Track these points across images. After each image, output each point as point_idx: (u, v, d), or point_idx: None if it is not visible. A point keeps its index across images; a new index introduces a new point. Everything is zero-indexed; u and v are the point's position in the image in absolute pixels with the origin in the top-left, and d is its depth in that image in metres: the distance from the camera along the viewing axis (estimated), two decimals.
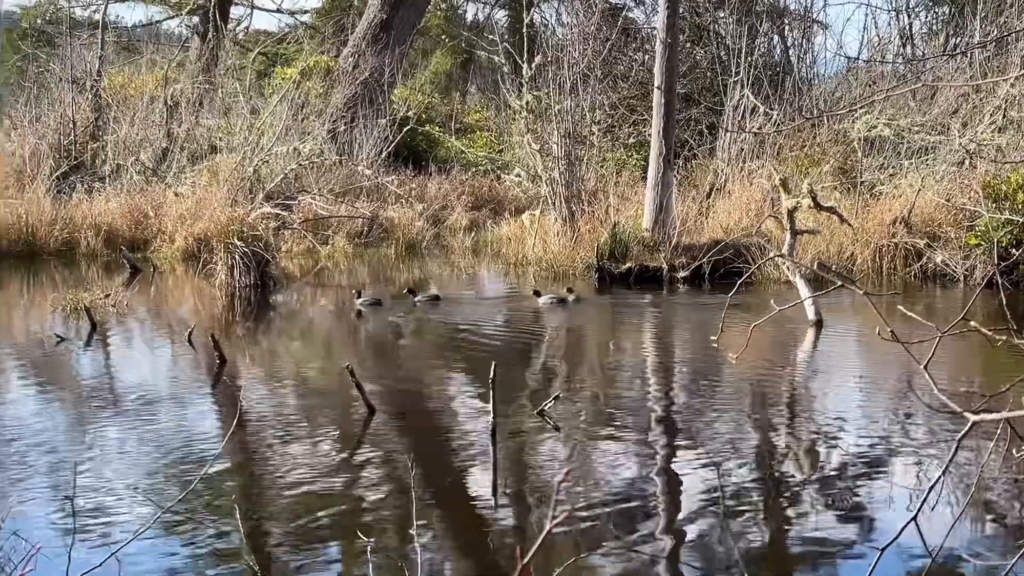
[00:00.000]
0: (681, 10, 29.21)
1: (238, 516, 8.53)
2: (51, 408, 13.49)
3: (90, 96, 36.16)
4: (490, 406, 11.52)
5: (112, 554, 7.28)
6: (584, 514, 9.43)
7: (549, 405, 12.52)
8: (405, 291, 21.41)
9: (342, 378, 13.03)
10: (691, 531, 9.25)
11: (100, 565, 6.98)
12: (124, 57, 48.27)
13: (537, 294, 21.29)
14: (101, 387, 14.52)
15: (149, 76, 40.60)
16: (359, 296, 20.74)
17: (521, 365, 16.12)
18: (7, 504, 8.20)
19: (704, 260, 23.40)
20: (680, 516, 9.62)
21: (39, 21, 52.18)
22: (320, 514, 9.57)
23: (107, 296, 20.29)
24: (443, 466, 11.03)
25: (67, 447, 11.28)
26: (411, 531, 8.73)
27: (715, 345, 15.14)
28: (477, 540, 9.18)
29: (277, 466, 10.90)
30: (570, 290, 21.46)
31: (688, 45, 35.54)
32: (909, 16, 37.51)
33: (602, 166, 29.65)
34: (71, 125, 34.50)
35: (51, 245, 27.97)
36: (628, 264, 23.71)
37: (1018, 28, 29.68)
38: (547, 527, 3.37)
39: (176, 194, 29.67)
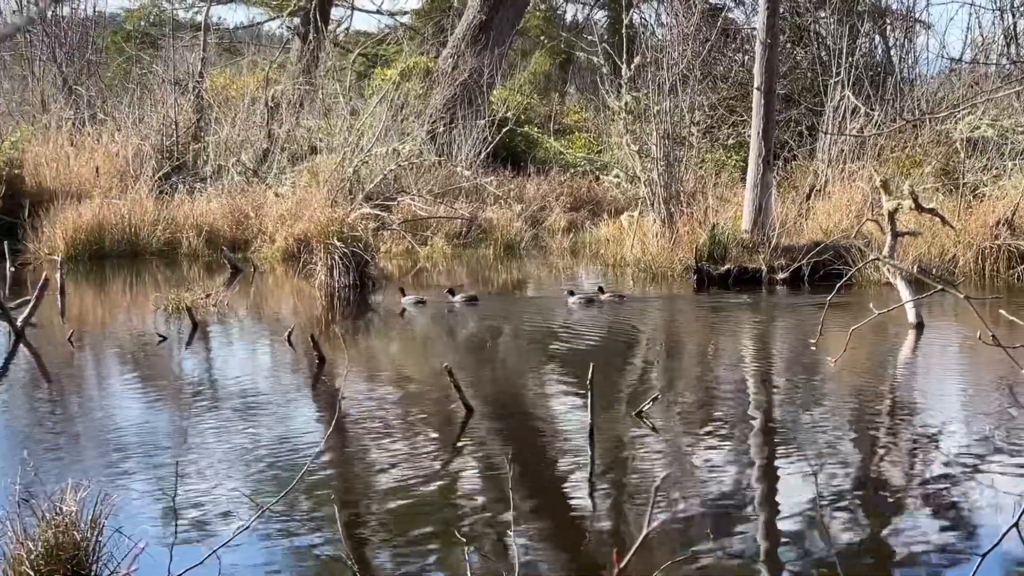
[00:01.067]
0: (781, 10, 28.94)
1: (337, 515, 8.56)
2: (153, 407, 13.63)
3: (192, 97, 36.53)
4: (588, 407, 11.49)
5: (212, 552, 7.34)
6: (681, 516, 9.39)
7: (647, 407, 12.46)
8: (446, 291, 21.47)
9: (441, 378, 13.06)
10: (789, 534, 9.19)
11: (201, 563, 7.06)
12: (226, 58, 48.74)
13: (571, 293, 21.24)
14: (202, 387, 14.66)
15: (250, 77, 40.92)
16: (403, 294, 21.06)
17: (619, 366, 16.06)
18: (110, 502, 8.28)
19: (803, 262, 23.20)
20: (778, 519, 9.55)
21: (143, 23, 52.74)
22: (418, 514, 9.60)
23: (208, 296, 20.46)
24: (540, 467, 11.03)
25: (169, 446, 11.39)
26: (508, 532, 8.74)
27: (814, 347, 15.01)
28: (574, 541, 9.17)
29: (376, 466, 10.95)
30: (601, 290, 21.47)
31: (788, 45, 35.29)
32: (1014, 15, 36.89)
33: (701, 167, 29.49)
34: (173, 126, 34.86)
35: (153, 245, 28.25)
36: (727, 265, 23.55)
37: None
38: (644, 530, 3.35)
39: (276, 195, 29.87)
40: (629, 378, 15.42)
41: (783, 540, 9.10)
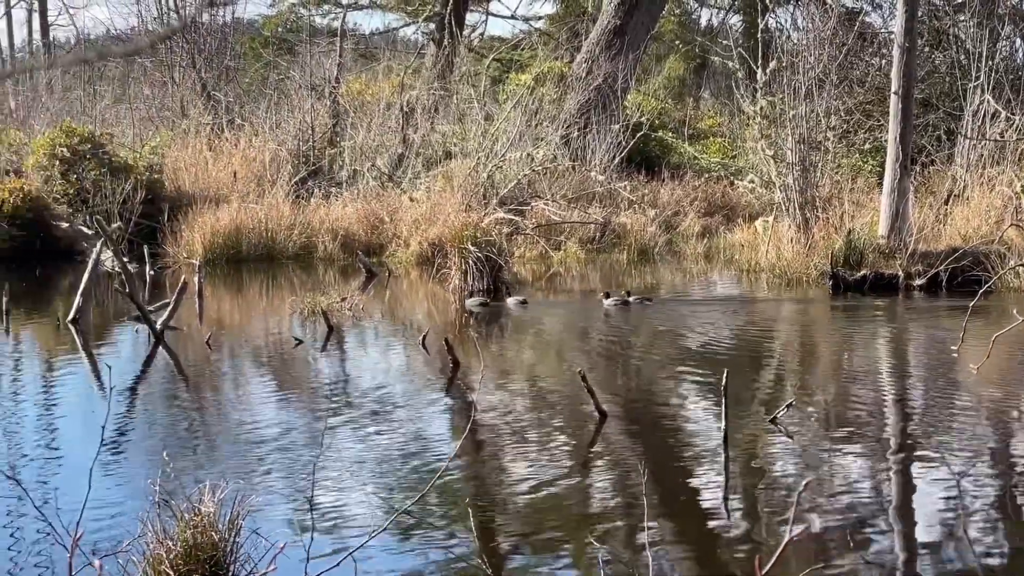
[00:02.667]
0: (920, 13, 28.58)
1: (471, 519, 8.56)
2: (289, 410, 13.74)
3: (328, 103, 36.88)
4: (722, 412, 11.39)
5: (348, 554, 7.38)
6: (819, 524, 9.27)
7: (781, 413, 12.33)
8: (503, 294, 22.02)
9: (574, 382, 13.04)
10: (927, 545, 9.05)
11: (337, 565, 7.09)
12: (361, 64, 49.20)
13: (607, 295, 21.56)
14: (337, 390, 14.75)
15: (386, 82, 41.18)
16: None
17: (753, 371, 15.95)
18: (248, 503, 8.35)
19: (942, 268, 22.83)
20: (917, 529, 9.41)
21: (280, 29, 53.39)
22: (551, 518, 9.59)
23: (343, 300, 20.60)
24: (674, 473, 10.96)
25: (305, 448, 11.46)
26: (642, 538, 8.68)
27: (955, 354, 14.77)
28: (708, 548, 9.11)
29: (509, 470, 10.95)
30: (628, 293, 21.88)
31: (927, 49, 34.79)
32: None
33: (837, 172, 29.16)
34: (310, 131, 35.21)
35: (289, 249, 28.52)
36: (863, 271, 23.26)
37: None
38: (785, 538, 3.29)
39: (411, 199, 30.05)
40: (763, 383, 15.31)
41: (922, 551, 8.96)
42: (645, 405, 14.08)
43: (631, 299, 21.54)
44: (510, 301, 21.28)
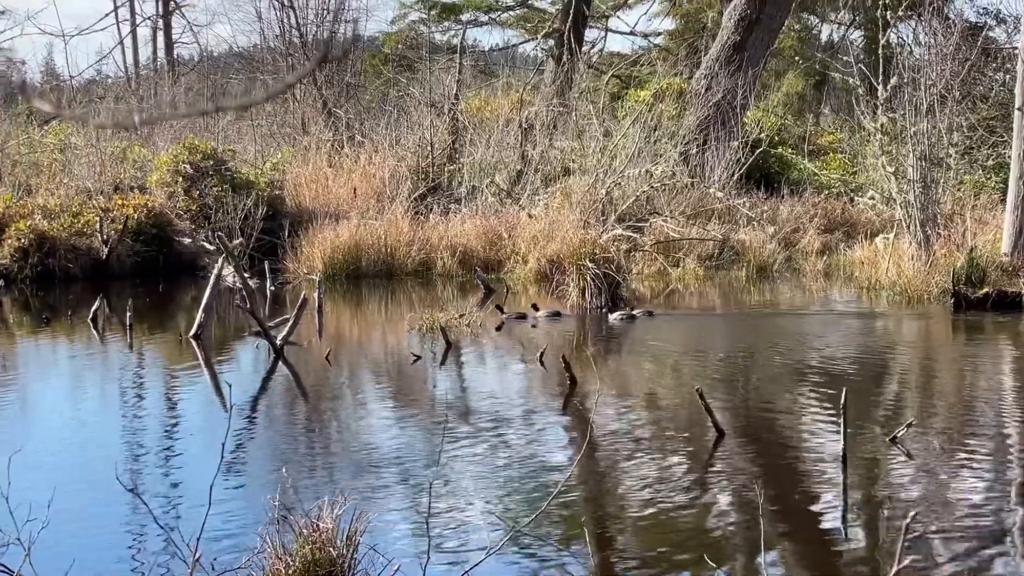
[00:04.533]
0: None
1: (587, 537, 8.53)
2: (407, 426, 13.80)
3: (448, 119, 37.03)
4: (841, 431, 11.26)
5: (464, 573, 7.38)
6: (938, 548, 9.13)
7: (901, 432, 12.17)
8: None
9: (692, 399, 12.97)
10: None
11: None
12: (480, 80, 49.37)
13: (610, 310, 21.84)
14: (455, 406, 14.77)
15: (504, 99, 41.28)
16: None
17: (872, 389, 15.79)
18: (365, 519, 8.39)
19: None
20: None
21: (400, 47, 53.74)
22: (668, 537, 9.55)
23: (461, 316, 20.67)
24: (792, 492, 10.87)
25: (421, 464, 11.51)
26: (759, 557, 8.61)
27: None
28: (825, 568, 9.02)
29: (626, 487, 10.92)
30: (632, 307, 22.26)
31: None
32: None
33: (959, 189, 28.83)
34: (429, 148, 35.40)
35: (408, 265, 28.65)
36: (985, 289, 22.89)
37: None
38: (896, 566, 3.23)
39: (530, 216, 30.09)
40: (883, 401, 15.15)
41: None
42: (763, 423, 13.97)
43: (636, 313, 21.78)
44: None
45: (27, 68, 75.76)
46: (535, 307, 21.95)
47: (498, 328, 20.79)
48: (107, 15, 62.68)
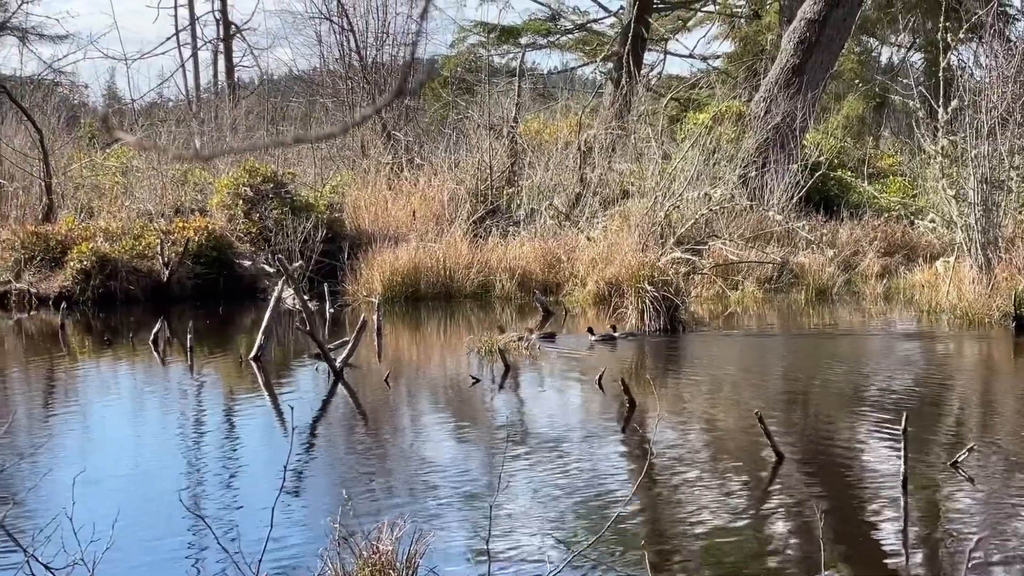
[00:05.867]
0: None
1: (647, 560, 8.53)
2: (465, 448, 13.84)
3: (507, 142, 37.10)
4: (902, 455, 11.20)
5: None
6: (1000, 574, 9.06)
7: (962, 457, 12.09)
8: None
9: (751, 423, 12.93)
10: None
11: None
12: (539, 103, 49.41)
13: (591, 331, 21.75)
14: (513, 429, 14.78)
15: (563, 122, 41.35)
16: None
17: (933, 412, 15.67)
18: (425, 542, 8.42)
19: None
20: None
21: (459, 70, 53.92)
22: (727, 561, 9.54)
23: (520, 339, 20.69)
24: (852, 516, 10.82)
25: (480, 487, 11.53)
26: None
27: None
28: None
29: (685, 511, 10.90)
30: (614, 328, 22.24)
31: None
32: None
33: (1021, 212, 28.59)
34: (488, 170, 35.46)
35: (467, 288, 28.70)
36: None
37: None
38: None
39: (588, 238, 30.10)
40: (944, 425, 15.03)
41: None
42: (823, 446, 13.90)
43: (616, 334, 21.85)
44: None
45: (90, 91, 76.42)
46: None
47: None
48: (169, 39, 63.12)
